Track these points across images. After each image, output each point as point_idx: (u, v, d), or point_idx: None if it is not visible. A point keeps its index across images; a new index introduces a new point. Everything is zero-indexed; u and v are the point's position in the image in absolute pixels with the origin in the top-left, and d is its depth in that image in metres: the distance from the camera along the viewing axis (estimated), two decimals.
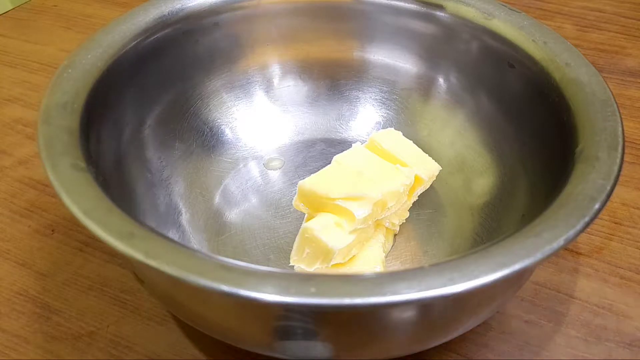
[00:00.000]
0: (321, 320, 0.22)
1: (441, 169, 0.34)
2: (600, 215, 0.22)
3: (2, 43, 0.54)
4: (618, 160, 0.24)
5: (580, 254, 0.34)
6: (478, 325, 0.30)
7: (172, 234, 0.32)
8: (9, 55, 0.52)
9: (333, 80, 0.40)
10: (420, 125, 0.38)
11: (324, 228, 0.28)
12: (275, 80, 0.40)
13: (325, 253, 0.28)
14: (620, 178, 0.23)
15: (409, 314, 0.22)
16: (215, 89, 0.38)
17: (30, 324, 0.31)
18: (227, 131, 0.38)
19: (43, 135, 0.25)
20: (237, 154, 0.38)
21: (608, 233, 0.35)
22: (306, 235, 0.29)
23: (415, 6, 0.36)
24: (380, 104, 0.40)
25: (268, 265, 0.32)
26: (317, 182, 0.29)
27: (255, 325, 0.24)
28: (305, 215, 0.31)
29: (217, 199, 0.36)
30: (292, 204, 0.32)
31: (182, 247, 0.21)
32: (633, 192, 0.38)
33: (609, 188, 0.23)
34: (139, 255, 0.20)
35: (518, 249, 0.20)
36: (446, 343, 0.29)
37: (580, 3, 0.58)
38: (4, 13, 0.58)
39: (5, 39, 0.55)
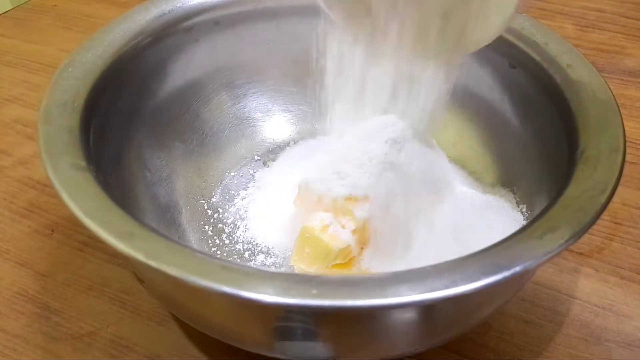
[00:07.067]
0: (322, 322, 0.22)
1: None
2: (600, 215, 0.22)
3: (1, 43, 0.54)
4: (619, 162, 0.24)
5: (581, 254, 0.34)
6: (478, 325, 0.30)
7: (172, 234, 0.32)
8: (8, 55, 0.52)
9: None
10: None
11: (324, 228, 0.28)
12: (276, 80, 0.40)
13: (326, 253, 0.28)
14: (621, 178, 0.23)
15: (410, 315, 0.22)
16: (215, 89, 0.38)
17: (30, 324, 0.31)
18: (227, 131, 0.38)
19: (43, 135, 0.25)
20: (236, 154, 0.38)
21: (609, 233, 0.35)
22: (306, 235, 0.29)
23: None
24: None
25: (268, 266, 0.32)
26: (317, 181, 0.29)
27: (256, 326, 0.24)
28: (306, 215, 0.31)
29: (216, 198, 0.36)
30: (292, 203, 0.32)
31: (183, 247, 0.21)
32: (634, 192, 0.38)
33: (610, 189, 0.23)
34: (139, 256, 0.20)
35: (520, 250, 0.20)
36: (446, 343, 0.29)
37: (580, 3, 0.58)
38: (4, 13, 0.58)
39: (4, 39, 0.54)
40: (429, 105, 0.29)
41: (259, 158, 0.38)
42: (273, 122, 0.40)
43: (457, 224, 0.30)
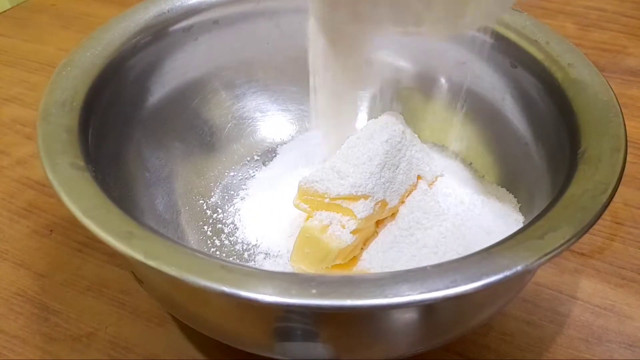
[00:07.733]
0: (322, 322, 0.22)
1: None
2: (602, 216, 0.22)
3: (0, 42, 0.54)
4: (621, 161, 0.24)
5: (582, 254, 0.34)
6: (480, 326, 0.30)
7: (171, 234, 0.32)
8: (7, 54, 0.52)
9: None
10: (422, 124, 0.38)
11: (324, 228, 0.28)
12: (275, 79, 0.39)
13: (326, 253, 0.28)
14: (622, 178, 0.23)
15: (411, 315, 0.22)
16: (214, 88, 0.38)
17: (29, 324, 0.31)
18: (227, 130, 0.38)
19: (42, 134, 0.25)
20: (236, 153, 0.38)
21: (610, 233, 0.35)
22: (306, 235, 0.28)
23: None
24: (382, 103, 0.39)
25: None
26: (317, 180, 0.29)
27: (256, 327, 0.24)
28: (305, 215, 0.31)
29: (216, 198, 0.35)
30: (292, 203, 0.31)
31: (182, 247, 0.21)
32: (635, 192, 0.37)
33: (611, 189, 0.23)
34: (138, 255, 0.20)
35: (521, 250, 0.20)
36: (447, 344, 0.29)
37: (581, 2, 0.58)
38: (3, 12, 0.58)
39: (3, 38, 0.54)
40: None
41: (258, 158, 0.38)
42: (272, 121, 0.40)
43: (457, 223, 0.30)
